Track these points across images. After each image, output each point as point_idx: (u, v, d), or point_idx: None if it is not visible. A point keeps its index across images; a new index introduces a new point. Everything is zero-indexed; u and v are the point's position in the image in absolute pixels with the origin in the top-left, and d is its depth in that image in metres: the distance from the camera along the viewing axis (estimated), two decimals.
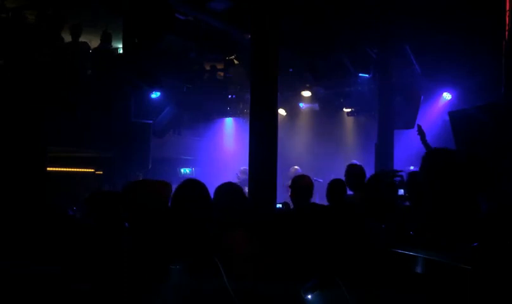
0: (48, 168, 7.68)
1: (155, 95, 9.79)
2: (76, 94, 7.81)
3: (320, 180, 8.20)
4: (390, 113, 8.98)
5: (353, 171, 5.36)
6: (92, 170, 8.97)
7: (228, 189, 3.32)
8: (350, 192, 5.21)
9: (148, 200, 2.70)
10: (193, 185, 2.98)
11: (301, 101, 12.65)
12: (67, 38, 8.28)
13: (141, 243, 2.69)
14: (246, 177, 10.36)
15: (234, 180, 10.19)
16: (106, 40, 8.64)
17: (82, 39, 8.48)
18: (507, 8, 5.16)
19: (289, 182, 4.74)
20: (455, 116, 5.96)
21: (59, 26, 8.01)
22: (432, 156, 2.88)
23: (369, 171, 7.31)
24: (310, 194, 4.56)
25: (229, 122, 12.89)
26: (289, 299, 2.19)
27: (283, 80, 7.26)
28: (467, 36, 7.68)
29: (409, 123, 9.07)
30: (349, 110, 11.82)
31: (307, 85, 11.60)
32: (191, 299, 2.29)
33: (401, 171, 5.36)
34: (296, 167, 10.24)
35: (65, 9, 8.27)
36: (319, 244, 3.50)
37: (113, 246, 3.09)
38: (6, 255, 2.72)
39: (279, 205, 5.81)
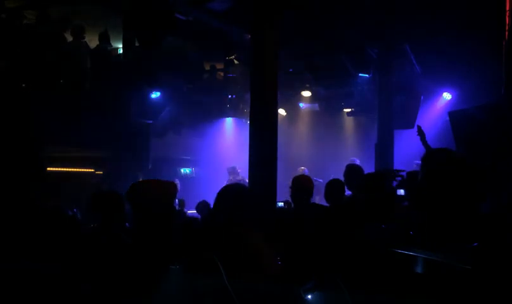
0: (48, 168, 7.69)
1: (155, 95, 9.80)
2: (76, 94, 7.82)
3: (320, 180, 8.22)
4: (390, 113, 8.99)
5: (352, 171, 5.36)
6: (92, 170, 8.97)
7: (237, 189, 3.29)
8: (348, 192, 5.21)
9: (155, 199, 2.70)
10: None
11: (301, 101, 12.66)
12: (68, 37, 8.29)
13: (142, 243, 2.69)
14: (234, 175, 10.57)
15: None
16: (105, 40, 8.64)
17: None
18: (507, 8, 5.16)
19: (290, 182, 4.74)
20: (455, 116, 5.95)
21: (63, 27, 8.02)
22: (430, 156, 2.88)
23: (369, 171, 7.32)
24: (310, 194, 4.57)
25: (229, 122, 12.89)
26: (289, 299, 2.19)
27: (283, 80, 7.26)
28: (468, 36, 7.69)
29: (409, 123, 9.08)
30: (349, 110, 11.83)
31: (307, 85, 11.60)
32: (191, 299, 2.29)
33: (403, 171, 5.35)
34: (303, 168, 10.25)
35: (65, 9, 8.29)
36: (319, 244, 3.50)
37: (113, 245, 3.09)
38: (5, 256, 2.72)
39: (280, 204, 5.81)
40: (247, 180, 6.22)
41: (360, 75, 9.34)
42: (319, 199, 5.82)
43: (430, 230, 2.67)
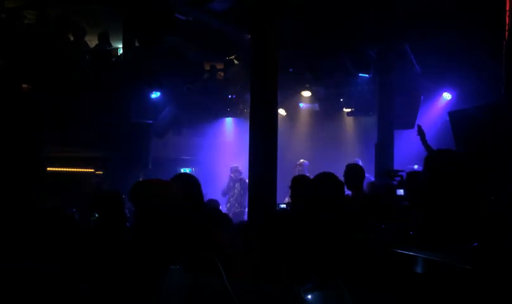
0: (48, 168, 7.69)
1: (155, 95, 9.80)
2: (76, 94, 7.82)
3: None
4: (390, 113, 8.99)
5: (352, 171, 5.36)
6: (92, 170, 8.97)
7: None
8: (348, 192, 5.21)
9: (158, 198, 2.70)
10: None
11: (301, 101, 12.65)
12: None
13: (142, 243, 2.69)
14: (235, 174, 10.79)
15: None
16: (104, 40, 8.64)
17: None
18: (507, 8, 5.16)
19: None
20: (455, 116, 5.96)
21: (63, 27, 8.02)
22: (436, 158, 2.88)
23: (369, 171, 7.32)
24: None
25: (229, 122, 12.88)
26: (289, 299, 2.20)
27: (283, 80, 7.25)
28: (468, 36, 7.68)
29: (409, 123, 9.07)
30: (349, 110, 11.82)
31: (307, 85, 11.59)
32: (191, 299, 2.29)
33: (401, 171, 5.35)
34: (302, 160, 10.32)
35: (65, 9, 8.30)
36: (319, 244, 3.50)
37: (113, 245, 3.09)
38: (5, 256, 2.72)
39: (283, 205, 5.81)
40: (247, 180, 6.22)
41: (360, 75, 9.33)
42: None
43: (430, 230, 2.68)
